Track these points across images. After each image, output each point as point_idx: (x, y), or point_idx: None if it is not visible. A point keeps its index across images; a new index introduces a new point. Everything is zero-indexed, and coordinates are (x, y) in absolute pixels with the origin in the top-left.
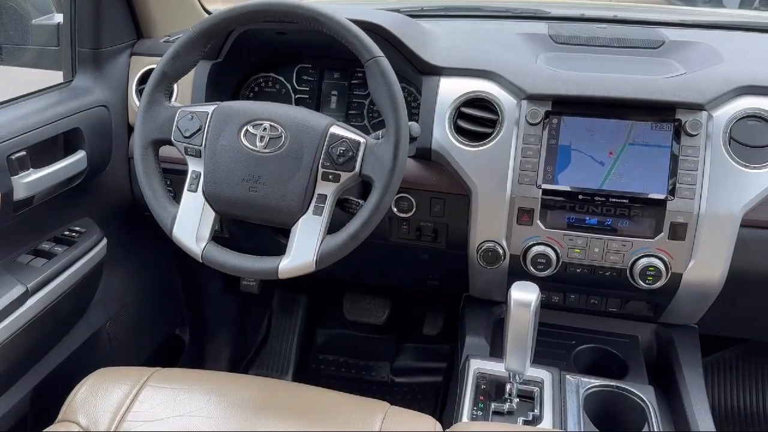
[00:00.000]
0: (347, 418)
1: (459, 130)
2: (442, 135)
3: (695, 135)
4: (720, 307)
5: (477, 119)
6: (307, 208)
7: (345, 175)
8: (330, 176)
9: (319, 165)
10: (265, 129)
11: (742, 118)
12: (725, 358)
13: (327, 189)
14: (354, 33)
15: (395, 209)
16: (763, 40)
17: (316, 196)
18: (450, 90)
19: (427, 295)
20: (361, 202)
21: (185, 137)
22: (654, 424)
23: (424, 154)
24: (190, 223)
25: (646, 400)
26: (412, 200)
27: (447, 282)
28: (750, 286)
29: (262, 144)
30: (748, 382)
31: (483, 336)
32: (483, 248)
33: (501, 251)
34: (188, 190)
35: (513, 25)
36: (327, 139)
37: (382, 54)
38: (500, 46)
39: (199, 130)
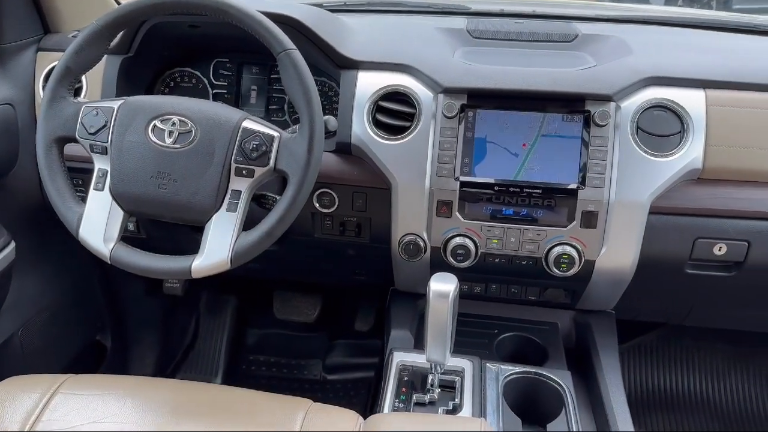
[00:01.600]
0: (268, 418)
1: (378, 124)
2: (361, 129)
3: (604, 125)
4: (634, 293)
5: (395, 113)
6: (221, 205)
7: (259, 170)
8: (244, 171)
9: (232, 160)
10: (173, 124)
11: (648, 108)
12: (645, 342)
13: (241, 185)
14: (264, 25)
15: (317, 205)
16: (671, 34)
17: (229, 192)
18: (368, 84)
19: (358, 291)
20: (278, 197)
21: (90, 134)
22: (570, 407)
23: (344, 149)
24: (98, 223)
25: (563, 384)
26: (334, 195)
27: (374, 277)
28: (660, 271)
29: (171, 139)
30: (666, 365)
31: (408, 329)
32: (404, 241)
33: (422, 244)
34: (94, 189)
35: (433, 20)
36: (239, 134)
37: (294, 47)
38: (418, 41)
39: (104, 126)
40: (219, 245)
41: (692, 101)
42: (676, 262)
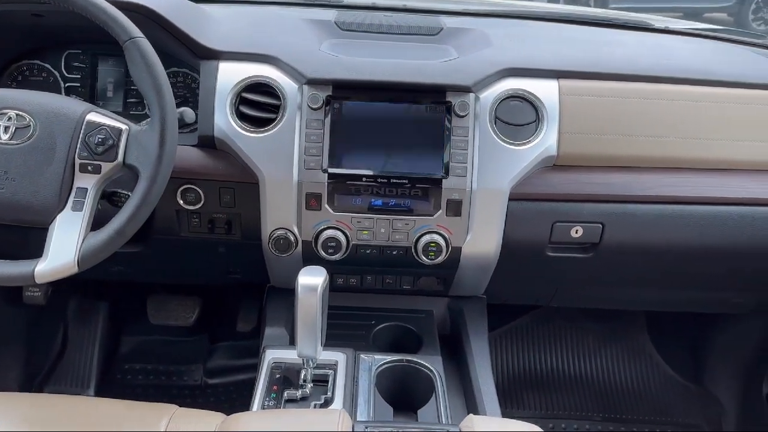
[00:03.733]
0: (130, 427)
1: (242, 116)
2: (225, 122)
3: (464, 116)
4: (501, 277)
5: (260, 105)
6: (65, 204)
7: (107, 166)
8: (89, 167)
9: (76, 155)
10: (10, 119)
11: (505, 99)
12: (520, 325)
13: (87, 182)
14: (108, 12)
15: (182, 202)
16: (530, 27)
17: (74, 190)
18: (230, 75)
19: (239, 290)
20: (130, 194)
21: None
22: (440, 392)
23: (208, 142)
24: None
25: (434, 370)
26: (200, 191)
27: (249, 274)
28: (523, 255)
29: (8, 135)
30: (540, 346)
31: (283, 326)
32: (275, 236)
33: (293, 238)
34: None
35: (302, 12)
36: (83, 127)
37: (141, 35)
38: (284, 32)
39: None
40: (64, 247)
41: (546, 91)
42: (537, 246)
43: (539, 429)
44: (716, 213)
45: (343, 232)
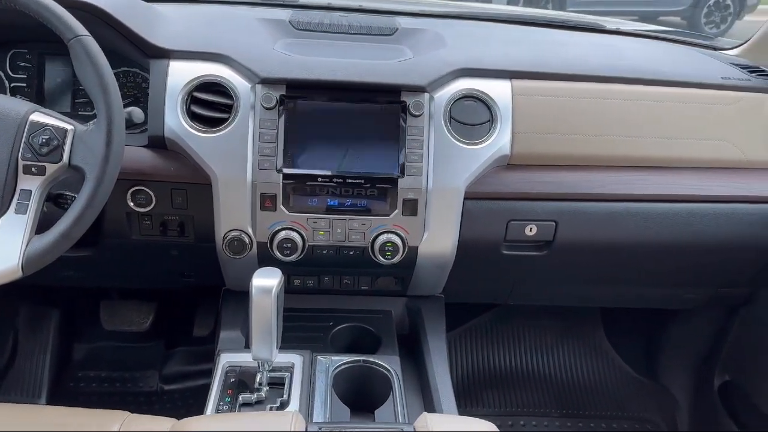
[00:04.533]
0: None
1: (194, 116)
2: (175, 121)
3: (419, 115)
4: (459, 276)
5: (212, 104)
6: (8, 207)
7: (52, 167)
8: (33, 169)
9: (19, 157)
10: None
11: (459, 99)
12: (480, 324)
13: (31, 183)
14: (51, 10)
15: (132, 204)
16: (485, 28)
17: (18, 192)
18: (181, 74)
19: (195, 294)
20: (76, 196)
21: None
22: (397, 392)
23: (158, 143)
24: None
25: (391, 370)
26: (150, 193)
27: (204, 278)
28: (479, 254)
29: None
30: (499, 344)
31: (239, 329)
32: (229, 237)
33: (247, 239)
34: None
35: (257, 12)
36: (27, 128)
37: (87, 33)
38: (237, 31)
39: None
40: (7, 252)
41: (499, 91)
42: (493, 244)
43: (492, 425)
44: (665, 210)
45: (299, 233)
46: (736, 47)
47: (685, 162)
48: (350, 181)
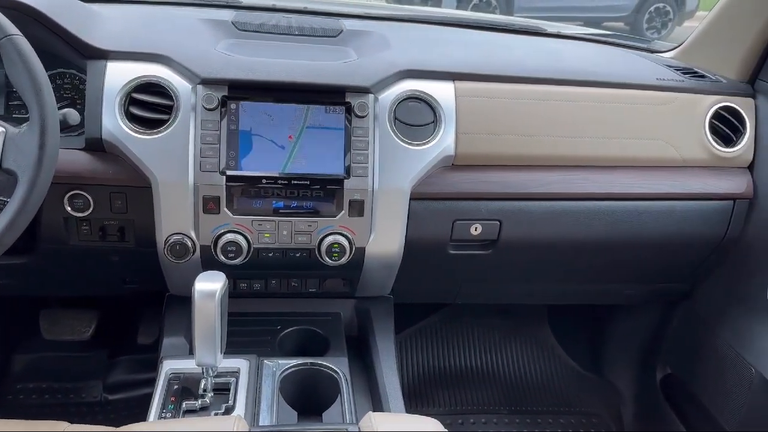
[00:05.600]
0: None
1: (133, 118)
2: (113, 123)
3: (364, 116)
4: (406, 276)
5: (151, 105)
6: None
7: None
8: None
9: None
10: None
11: (404, 100)
12: (430, 324)
13: None
14: None
15: (69, 209)
16: (428, 31)
17: None
18: (119, 75)
19: (138, 300)
20: (8, 201)
21: None
22: (345, 393)
23: (96, 145)
24: None
25: (339, 372)
26: (88, 197)
27: (147, 283)
28: (426, 254)
29: None
30: (449, 343)
31: (182, 335)
32: (170, 242)
33: (190, 243)
34: None
35: (199, 12)
36: None
37: (18, 32)
38: (178, 31)
39: None
40: None
41: (443, 92)
42: (439, 244)
43: (437, 422)
44: (605, 208)
45: (244, 236)
46: (671, 50)
47: (623, 161)
48: (296, 182)
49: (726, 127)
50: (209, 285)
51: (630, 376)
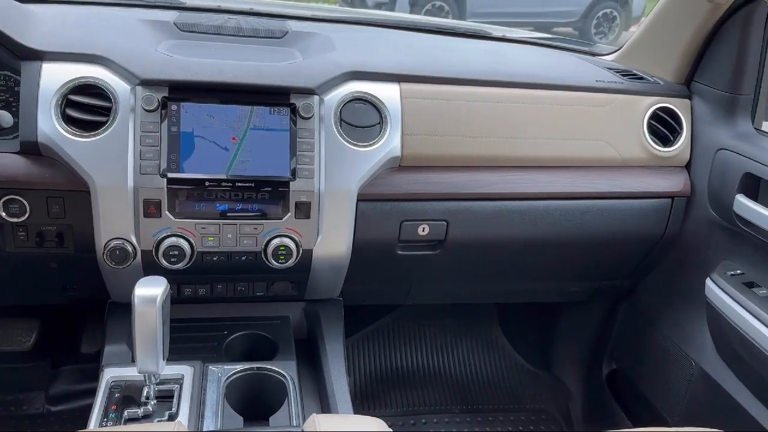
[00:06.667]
0: None
1: (69, 120)
2: (49, 126)
3: (309, 118)
4: (355, 278)
5: (88, 107)
6: None
7: None
8: None
9: None
10: None
11: (350, 101)
12: (383, 326)
13: None
14: None
15: (4, 214)
16: (374, 33)
17: None
18: (55, 76)
19: (82, 308)
20: None
21: None
22: (293, 396)
23: (32, 149)
24: None
25: (287, 375)
26: (24, 202)
27: (88, 290)
28: (375, 255)
29: None
30: (402, 344)
31: (125, 342)
32: (110, 247)
33: (131, 248)
34: None
35: (140, 13)
36: None
37: None
38: (116, 32)
39: None
40: None
41: (388, 94)
42: (388, 245)
43: (382, 422)
44: (548, 207)
45: (187, 240)
46: (612, 53)
47: (565, 161)
48: (240, 184)
49: (663, 127)
50: (149, 290)
51: (577, 372)
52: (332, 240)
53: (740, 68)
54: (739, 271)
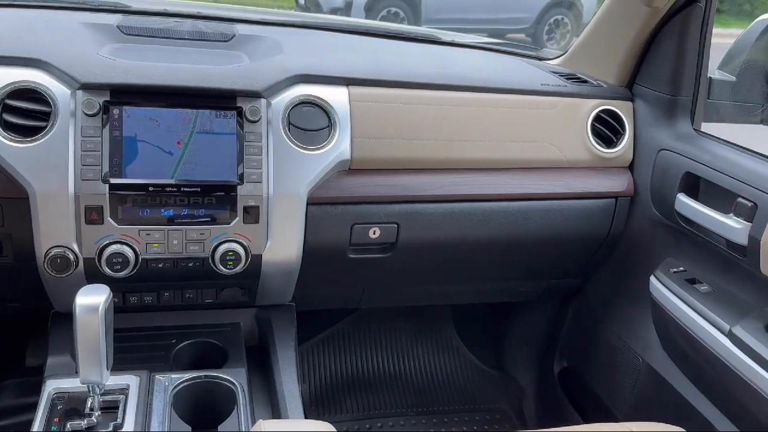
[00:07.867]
0: None
1: (6, 126)
2: None
3: (256, 121)
4: (307, 282)
5: (27, 112)
6: None
7: None
8: None
9: None
10: None
11: (298, 104)
12: (338, 330)
13: None
14: None
15: None
16: (323, 37)
17: None
18: None
19: (26, 319)
20: None
21: None
22: (242, 404)
23: None
24: None
25: (236, 383)
26: None
27: (30, 301)
28: (326, 259)
29: None
30: (358, 349)
31: (69, 353)
32: (51, 255)
33: (72, 256)
34: None
35: (82, 16)
36: None
37: None
38: (56, 35)
39: None
40: None
41: (336, 97)
42: (339, 249)
43: (329, 425)
44: (495, 208)
45: (131, 247)
46: (557, 57)
47: (511, 163)
48: (186, 189)
49: (607, 129)
50: (91, 299)
51: (530, 371)
52: (282, 244)
53: (679, 70)
54: (681, 269)
